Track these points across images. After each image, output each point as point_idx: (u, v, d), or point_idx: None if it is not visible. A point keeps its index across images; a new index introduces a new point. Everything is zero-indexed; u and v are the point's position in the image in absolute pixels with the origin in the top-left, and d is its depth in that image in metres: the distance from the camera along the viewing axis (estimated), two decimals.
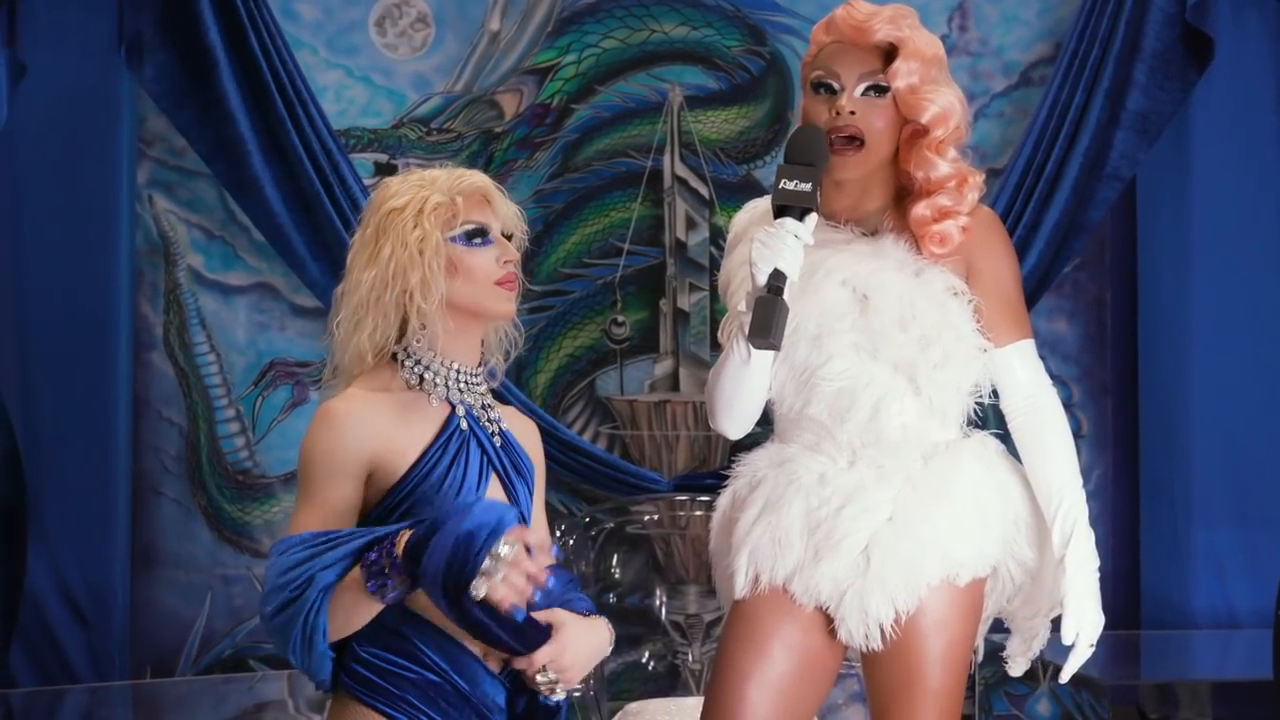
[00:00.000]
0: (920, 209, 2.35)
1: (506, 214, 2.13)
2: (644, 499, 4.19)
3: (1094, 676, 3.82)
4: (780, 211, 2.26)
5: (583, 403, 4.40)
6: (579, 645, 2.05)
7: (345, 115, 4.30)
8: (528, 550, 1.92)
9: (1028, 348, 2.39)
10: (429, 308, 2.05)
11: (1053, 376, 2.46)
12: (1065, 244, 4.26)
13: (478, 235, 2.09)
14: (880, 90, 2.34)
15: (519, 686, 2.09)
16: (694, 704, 3.48)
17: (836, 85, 2.35)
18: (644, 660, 4.20)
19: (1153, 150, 4.25)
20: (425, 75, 4.36)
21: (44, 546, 4.01)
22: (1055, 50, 4.37)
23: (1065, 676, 2.35)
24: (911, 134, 2.36)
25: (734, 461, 2.46)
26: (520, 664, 2.03)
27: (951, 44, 4.39)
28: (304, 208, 4.12)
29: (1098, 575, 2.35)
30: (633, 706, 3.62)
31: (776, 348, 2.26)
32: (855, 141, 2.33)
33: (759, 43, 4.40)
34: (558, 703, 2.07)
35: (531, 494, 2.17)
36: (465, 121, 4.37)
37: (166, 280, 4.27)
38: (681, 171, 4.38)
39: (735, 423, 2.37)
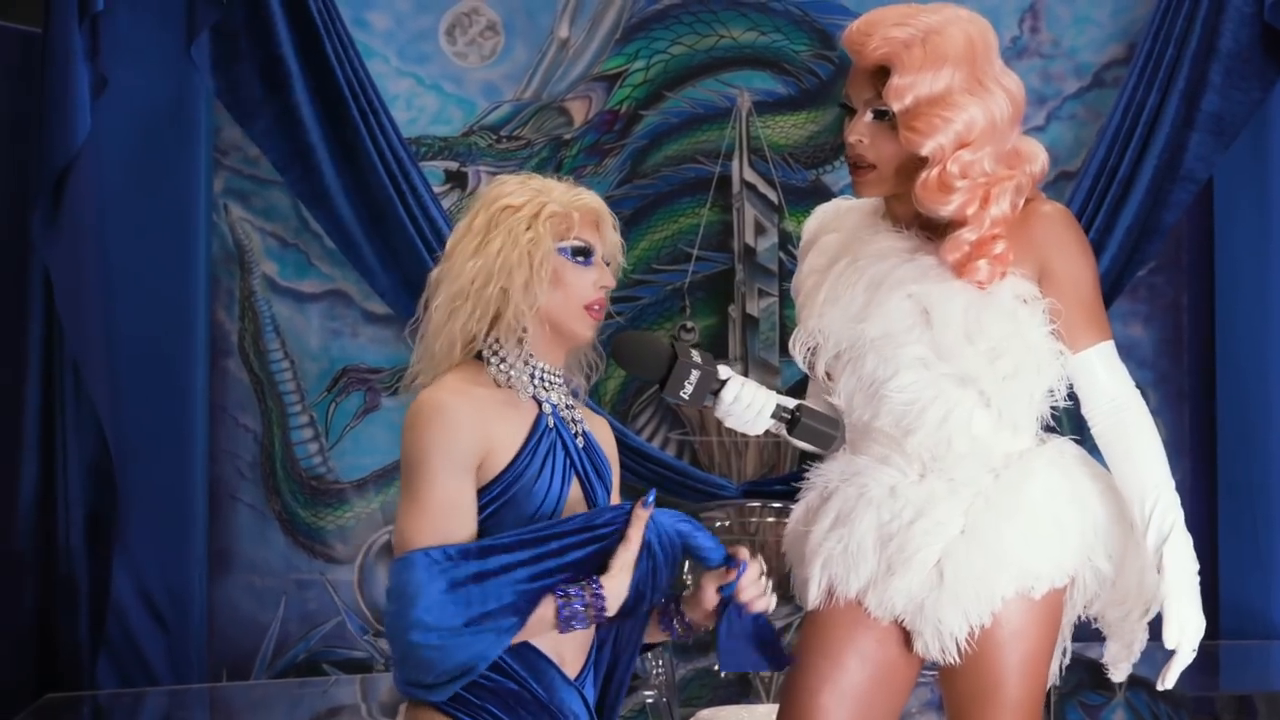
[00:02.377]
0: (949, 254, 2.24)
1: (612, 241, 2.15)
2: (714, 505, 4.18)
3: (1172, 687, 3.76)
4: (710, 395, 2.22)
5: (652, 408, 4.40)
6: None
7: (416, 123, 4.33)
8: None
9: (1108, 350, 2.33)
10: (527, 310, 2.05)
11: None
12: (1140, 247, 4.20)
13: (583, 254, 2.11)
14: (883, 114, 2.23)
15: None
16: (766, 711, 3.47)
17: (853, 106, 2.27)
18: (715, 667, 4.19)
19: (1230, 152, 4.19)
20: (495, 83, 4.38)
21: (126, 552, 4.06)
22: (1128, 51, 4.32)
23: (1168, 683, 2.27)
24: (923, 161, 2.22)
25: (805, 469, 2.45)
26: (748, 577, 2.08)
27: (1023, 45, 4.35)
28: (375, 216, 4.15)
29: (1197, 578, 2.28)
30: (705, 713, 3.61)
31: (845, 438, 2.29)
32: (870, 166, 2.25)
33: (827, 47, 4.38)
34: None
35: (609, 495, 2.17)
36: (535, 129, 4.39)
37: (241, 288, 4.32)
38: (750, 177, 4.37)
39: None
